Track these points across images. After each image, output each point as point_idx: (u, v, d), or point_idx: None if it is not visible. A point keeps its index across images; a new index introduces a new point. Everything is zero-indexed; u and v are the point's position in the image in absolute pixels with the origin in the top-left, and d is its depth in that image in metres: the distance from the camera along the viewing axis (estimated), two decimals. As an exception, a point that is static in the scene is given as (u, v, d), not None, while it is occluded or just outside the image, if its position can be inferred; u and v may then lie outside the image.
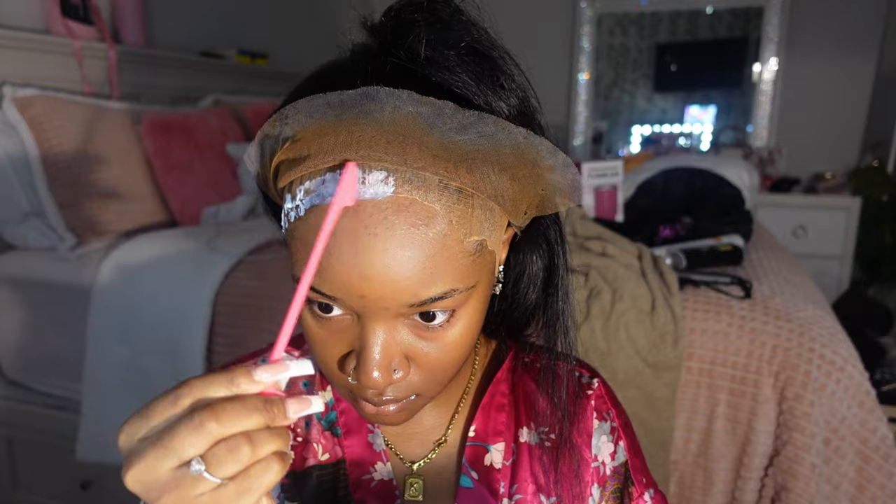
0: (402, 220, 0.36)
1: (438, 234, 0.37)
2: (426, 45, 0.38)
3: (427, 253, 0.37)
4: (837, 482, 1.07)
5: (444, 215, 0.37)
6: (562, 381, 0.53)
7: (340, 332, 0.40)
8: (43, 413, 1.64)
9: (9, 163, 1.64)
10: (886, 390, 1.69)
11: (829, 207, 2.73)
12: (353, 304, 0.38)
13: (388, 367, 0.39)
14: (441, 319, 0.40)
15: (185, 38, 2.49)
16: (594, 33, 3.36)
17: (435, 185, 0.36)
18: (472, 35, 0.40)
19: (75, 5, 1.91)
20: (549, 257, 0.49)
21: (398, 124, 0.36)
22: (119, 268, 1.50)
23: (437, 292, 0.38)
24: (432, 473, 0.52)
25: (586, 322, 1.17)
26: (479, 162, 0.37)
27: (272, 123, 0.39)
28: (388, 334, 0.39)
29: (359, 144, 0.36)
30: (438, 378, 0.43)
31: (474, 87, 0.38)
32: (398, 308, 0.38)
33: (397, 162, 0.36)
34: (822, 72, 3.06)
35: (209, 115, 2.15)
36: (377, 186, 0.36)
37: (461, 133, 0.36)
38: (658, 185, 1.92)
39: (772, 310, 1.14)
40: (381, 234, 0.36)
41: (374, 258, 0.36)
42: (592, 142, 3.48)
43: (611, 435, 0.55)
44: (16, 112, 1.62)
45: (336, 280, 0.37)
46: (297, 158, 0.38)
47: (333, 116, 0.36)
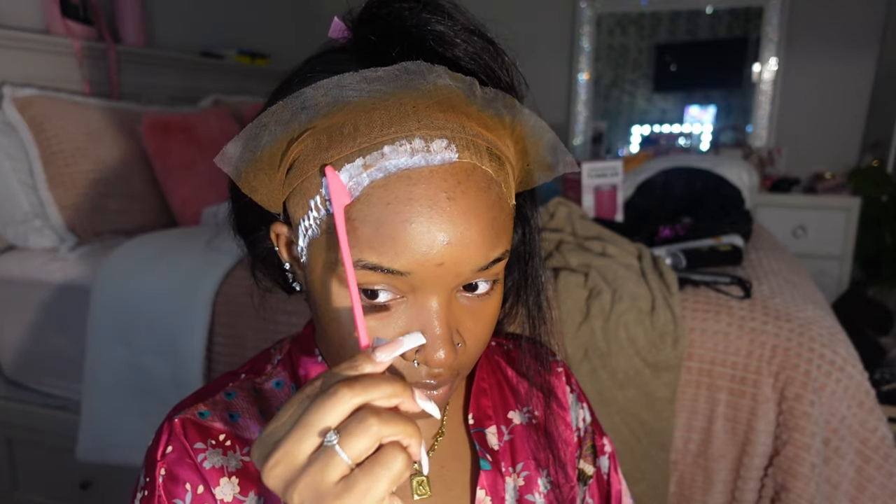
0: (472, 183, 0.37)
1: (496, 197, 0.39)
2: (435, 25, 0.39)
3: (493, 214, 0.38)
4: (837, 482, 1.07)
5: (495, 179, 0.39)
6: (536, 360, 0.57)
7: (391, 317, 0.39)
8: (43, 413, 1.64)
9: (9, 163, 1.64)
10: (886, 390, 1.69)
11: (829, 207, 2.73)
12: (425, 277, 0.37)
13: (451, 341, 0.39)
14: (485, 289, 0.41)
15: (185, 38, 2.49)
16: (594, 33, 3.36)
17: (485, 151, 0.38)
18: (466, 18, 0.41)
19: (75, 5, 1.92)
20: (524, 233, 0.50)
21: (443, 95, 0.37)
22: (119, 268, 1.50)
23: (499, 253, 0.39)
24: (435, 467, 0.52)
25: (586, 322, 1.17)
26: (500, 133, 0.40)
27: (281, 111, 0.37)
28: (446, 308, 0.39)
29: (416, 114, 0.37)
30: (478, 353, 0.43)
31: (483, 64, 0.40)
32: (469, 273, 0.38)
33: (455, 129, 0.37)
34: (822, 72, 3.06)
35: (209, 115, 2.15)
36: (443, 153, 0.37)
37: (487, 106, 0.38)
38: (658, 185, 1.92)
39: (772, 310, 1.14)
40: (458, 197, 0.37)
41: (455, 222, 0.36)
42: (592, 142, 3.48)
43: (579, 402, 0.61)
44: (16, 112, 1.62)
45: (416, 252, 0.36)
46: (337, 137, 0.37)
47: (376, 91, 0.36)
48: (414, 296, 0.39)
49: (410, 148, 0.36)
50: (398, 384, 0.32)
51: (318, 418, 0.30)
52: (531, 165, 0.43)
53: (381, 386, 0.31)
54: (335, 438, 0.30)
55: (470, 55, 0.39)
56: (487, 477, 0.52)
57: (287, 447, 0.30)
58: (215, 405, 0.48)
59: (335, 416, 0.30)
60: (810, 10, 3.05)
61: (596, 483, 0.59)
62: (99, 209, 1.71)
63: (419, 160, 0.36)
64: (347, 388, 0.30)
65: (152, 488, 0.45)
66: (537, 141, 0.41)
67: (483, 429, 0.54)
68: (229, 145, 0.40)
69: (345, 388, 0.30)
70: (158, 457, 0.45)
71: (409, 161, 0.36)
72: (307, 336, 0.54)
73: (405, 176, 0.36)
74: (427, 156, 0.36)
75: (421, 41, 0.39)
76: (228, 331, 1.40)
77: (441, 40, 0.39)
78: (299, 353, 0.53)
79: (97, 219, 1.71)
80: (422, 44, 0.39)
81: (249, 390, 0.51)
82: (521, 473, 0.54)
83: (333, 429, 0.30)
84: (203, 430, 0.46)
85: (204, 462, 0.45)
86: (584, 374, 1.15)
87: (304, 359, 0.53)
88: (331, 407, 0.30)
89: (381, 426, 0.30)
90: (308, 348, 0.53)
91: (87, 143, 1.72)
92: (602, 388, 1.14)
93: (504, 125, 0.39)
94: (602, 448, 0.61)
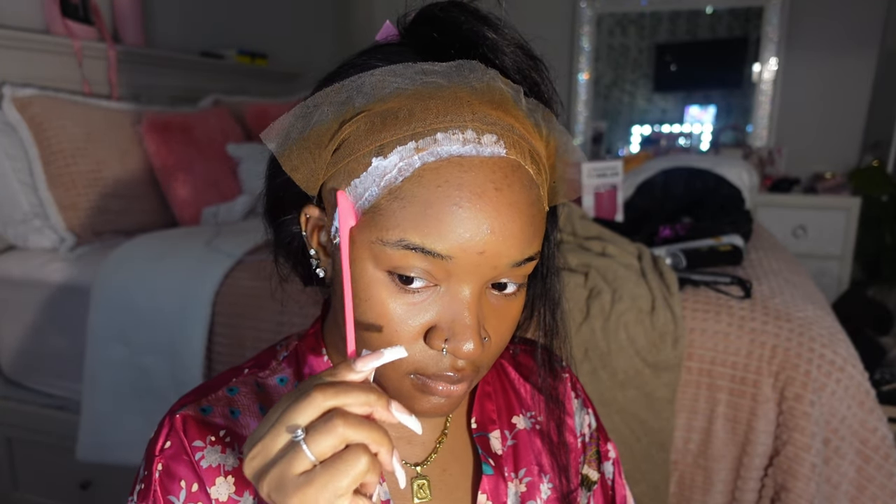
0: (517, 179, 0.39)
1: (536, 197, 0.40)
2: (489, 33, 0.41)
3: (532, 212, 0.40)
4: (837, 482, 1.07)
5: (536, 182, 0.40)
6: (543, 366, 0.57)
7: (423, 304, 0.40)
8: (43, 413, 1.64)
9: (9, 163, 1.64)
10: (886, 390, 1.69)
11: (829, 207, 2.73)
12: (464, 264, 0.38)
13: (479, 333, 0.40)
14: (513, 289, 0.42)
15: (185, 38, 2.49)
16: (594, 33, 3.36)
17: (528, 153, 0.40)
18: (514, 33, 0.43)
19: (75, 5, 1.92)
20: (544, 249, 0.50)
21: (496, 96, 0.39)
22: (119, 268, 1.50)
23: (534, 251, 0.40)
24: (437, 471, 0.52)
25: (586, 322, 1.17)
26: (539, 143, 0.41)
27: (334, 93, 0.39)
28: (477, 301, 0.40)
29: (470, 107, 0.38)
30: (496, 353, 0.44)
31: (528, 76, 0.42)
32: (505, 267, 0.39)
33: (504, 127, 0.39)
34: (822, 72, 3.06)
35: (209, 115, 2.15)
36: (493, 147, 0.38)
37: (529, 115, 0.40)
38: (658, 185, 1.92)
39: (772, 310, 1.14)
40: (505, 189, 0.38)
41: (501, 212, 0.38)
42: (592, 142, 3.48)
43: (584, 408, 0.61)
44: (16, 112, 1.62)
45: (460, 237, 0.37)
46: (392, 121, 0.38)
47: (433, 83, 0.38)
48: (447, 284, 0.40)
49: (462, 137, 0.38)
50: (372, 393, 0.34)
51: (291, 417, 0.33)
52: (557, 183, 0.44)
53: (354, 393, 0.33)
54: (301, 435, 0.32)
55: (517, 66, 0.41)
56: (489, 482, 0.52)
57: (264, 442, 0.33)
58: (217, 401, 0.49)
59: (306, 416, 0.33)
60: (810, 10, 3.04)
61: (601, 489, 0.59)
62: (99, 209, 1.71)
63: (471, 149, 0.38)
64: (320, 392, 0.33)
65: (149, 482, 0.45)
66: (567, 160, 0.43)
67: (487, 433, 0.54)
68: (277, 122, 0.41)
69: (318, 392, 0.33)
70: (157, 451, 0.46)
71: (461, 149, 0.38)
72: (314, 334, 0.53)
73: (457, 162, 0.38)
74: (478, 147, 0.38)
75: (475, 46, 0.41)
76: (228, 331, 1.40)
77: (493, 48, 0.41)
78: (305, 351, 0.53)
79: (97, 219, 1.71)
80: (475, 48, 0.40)
81: (252, 385, 0.51)
82: (524, 479, 0.53)
83: (303, 427, 0.32)
84: (203, 427, 0.46)
85: (201, 461, 0.45)
86: (584, 374, 1.15)
87: (310, 357, 0.53)
88: (303, 408, 0.33)
89: (347, 428, 0.32)
90: (314, 346, 0.53)
91: (87, 143, 1.72)
92: (602, 388, 1.14)
93: (542, 136, 0.41)
94: (606, 454, 0.60)
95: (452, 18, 0.41)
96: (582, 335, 1.16)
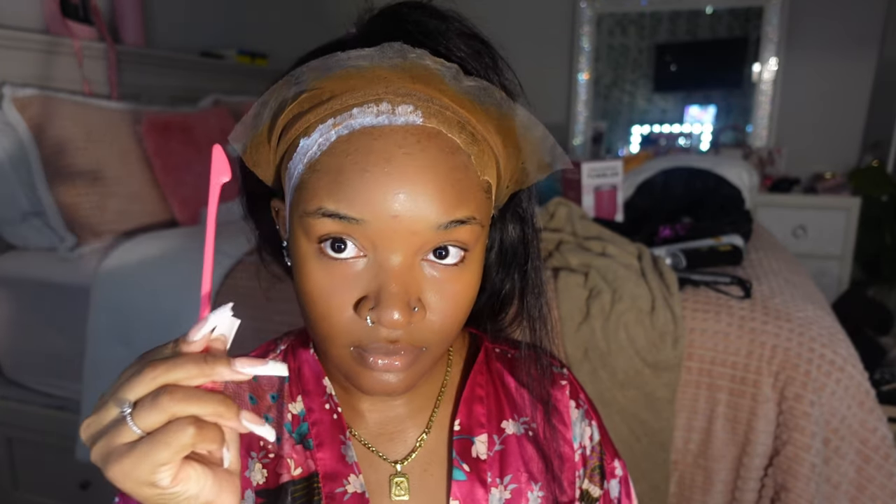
0: (433, 144, 0.39)
1: (461, 164, 0.40)
2: (432, 22, 0.42)
3: (455, 176, 0.40)
4: (837, 482, 1.07)
5: (464, 150, 0.41)
6: (538, 371, 0.55)
7: (352, 275, 0.41)
8: (43, 413, 1.64)
9: (9, 163, 1.64)
10: (886, 390, 1.69)
11: (829, 207, 2.73)
12: (381, 228, 0.39)
13: (407, 303, 0.40)
14: (454, 257, 0.41)
15: (185, 38, 2.49)
16: (594, 33, 3.36)
17: (455, 123, 0.40)
18: (462, 23, 0.44)
19: (75, 5, 1.92)
20: (523, 231, 0.50)
21: (419, 72, 0.39)
22: (119, 268, 1.50)
23: (463, 215, 0.40)
24: (417, 470, 0.52)
25: (586, 322, 1.17)
26: (482, 119, 0.41)
27: (280, 88, 0.40)
28: (408, 271, 0.40)
29: (387, 81, 0.39)
30: (447, 329, 0.43)
31: (474, 60, 0.42)
32: (426, 231, 0.39)
33: (423, 99, 0.39)
34: (822, 72, 3.06)
35: (209, 115, 2.15)
36: (408, 116, 0.39)
37: (468, 91, 0.40)
38: (658, 185, 1.92)
39: (772, 310, 1.14)
40: (416, 154, 0.39)
41: (410, 175, 0.38)
42: (592, 142, 3.48)
43: (585, 419, 0.58)
44: (16, 112, 1.62)
45: (370, 201, 0.38)
46: (317, 103, 0.40)
47: (355, 65, 0.38)
48: (375, 254, 0.40)
49: (377, 110, 0.39)
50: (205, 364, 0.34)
51: (123, 392, 0.33)
52: (525, 163, 0.44)
53: (185, 367, 0.33)
54: (128, 410, 0.33)
55: (460, 49, 0.42)
56: (461, 487, 0.51)
57: (98, 413, 0.34)
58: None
59: (135, 392, 0.33)
60: (810, 10, 3.04)
61: None
62: (99, 209, 1.71)
63: (383, 120, 0.39)
64: (150, 368, 0.33)
65: None
66: (531, 138, 0.42)
67: (472, 436, 0.53)
68: (238, 124, 0.42)
69: (148, 368, 0.33)
70: None
71: (373, 120, 0.39)
72: (304, 328, 0.54)
73: (367, 132, 0.39)
74: (391, 117, 0.39)
75: (413, 35, 0.41)
76: (228, 331, 1.40)
77: (434, 36, 0.42)
78: (297, 345, 0.54)
79: (97, 219, 1.71)
80: (414, 38, 0.41)
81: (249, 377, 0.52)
82: (509, 486, 0.52)
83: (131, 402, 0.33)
84: None
85: None
86: (584, 374, 1.15)
87: (300, 350, 0.54)
88: (134, 383, 0.33)
89: (173, 403, 0.32)
90: (304, 340, 0.54)
91: (87, 143, 1.72)
92: (602, 388, 1.14)
93: (489, 115, 0.41)
94: (613, 471, 0.58)
95: (401, 13, 0.43)
96: (582, 335, 1.16)
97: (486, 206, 0.43)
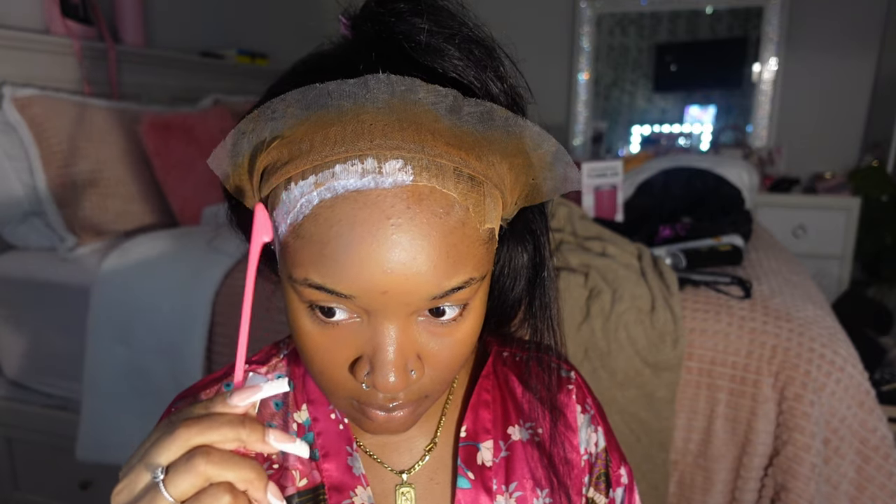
0: (424, 208, 0.35)
1: (458, 222, 0.36)
2: (425, 32, 0.37)
3: (449, 242, 0.36)
4: (837, 482, 1.07)
5: (461, 203, 0.36)
6: (545, 375, 0.54)
7: (346, 336, 0.39)
8: (43, 413, 1.64)
9: (9, 163, 1.64)
10: (886, 390, 1.69)
11: (829, 207, 2.73)
12: (370, 302, 0.36)
13: (404, 368, 0.38)
14: (452, 314, 0.39)
15: (185, 38, 2.49)
16: (594, 33, 3.36)
17: (451, 172, 0.36)
18: (466, 23, 0.39)
19: (75, 5, 1.92)
20: (534, 249, 0.48)
21: (409, 111, 0.35)
22: (119, 268, 1.50)
23: (459, 282, 0.37)
24: (424, 479, 0.51)
25: (586, 322, 1.17)
26: (485, 149, 0.37)
27: (253, 120, 0.36)
28: (403, 333, 0.38)
29: (372, 133, 0.34)
30: (447, 377, 0.42)
31: (474, 74, 0.38)
32: (419, 302, 0.36)
33: (414, 150, 0.35)
34: (822, 72, 3.06)
35: (209, 115, 2.15)
36: (396, 175, 0.35)
37: (467, 121, 0.36)
38: (658, 185, 1.91)
39: (772, 310, 1.14)
40: (405, 224, 0.35)
41: (399, 250, 0.35)
42: (592, 142, 3.48)
43: (592, 424, 0.57)
44: (16, 112, 1.62)
45: (357, 277, 0.35)
46: (296, 152, 0.36)
47: (335, 106, 0.34)
48: (369, 318, 0.38)
49: (362, 168, 0.35)
50: (243, 427, 0.32)
51: (155, 454, 0.32)
52: (537, 179, 0.40)
53: (221, 429, 0.32)
54: (161, 476, 0.31)
55: (457, 65, 0.37)
56: (465, 496, 0.50)
57: (130, 476, 0.33)
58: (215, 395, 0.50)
59: (168, 454, 0.31)
60: (810, 10, 3.04)
61: None
62: (99, 209, 1.71)
63: (369, 182, 0.35)
64: (185, 429, 0.32)
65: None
66: (542, 153, 0.38)
67: (477, 443, 0.52)
68: (218, 149, 0.39)
69: (182, 429, 0.32)
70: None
71: (358, 182, 0.35)
72: None
73: (352, 198, 0.35)
74: (378, 178, 0.34)
75: (402, 48, 0.37)
76: (228, 331, 1.40)
77: (426, 50, 0.37)
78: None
79: (97, 219, 1.71)
80: (403, 51, 0.37)
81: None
82: (514, 493, 0.51)
83: (163, 467, 0.31)
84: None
85: None
86: (584, 374, 1.15)
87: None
88: (167, 445, 0.32)
89: (209, 467, 0.31)
90: None
91: (87, 143, 1.72)
92: (602, 388, 1.14)
93: (492, 142, 0.37)
94: (619, 479, 0.57)
95: (387, 17, 0.38)
96: (582, 335, 1.16)
97: (488, 256, 0.39)
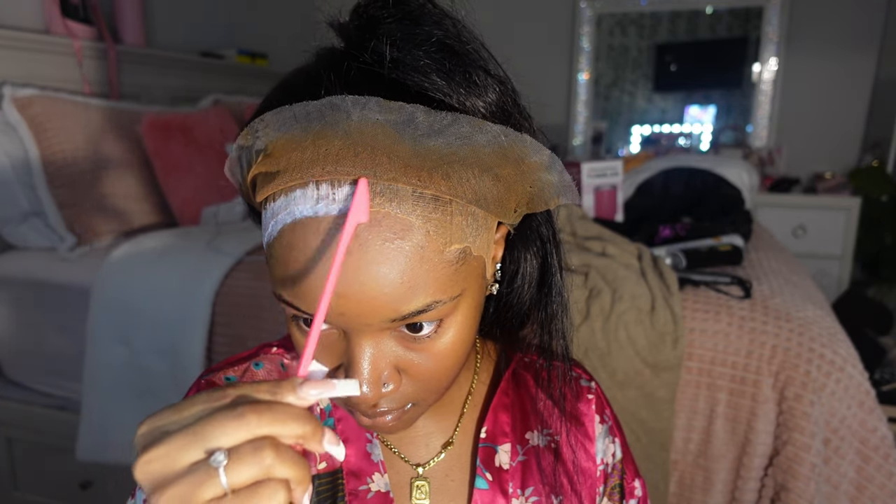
0: (376, 235, 0.34)
1: (415, 247, 0.35)
2: (392, 45, 0.36)
3: (404, 267, 0.35)
4: (837, 482, 1.07)
5: (421, 226, 0.35)
6: (560, 383, 0.54)
7: (328, 346, 0.40)
8: (43, 413, 1.64)
9: (9, 163, 1.64)
10: (886, 390, 1.69)
11: (829, 207, 2.73)
12: (333, 322, 0.37)
13: (377, 380, 0.38)
14: (428, 330, 0.39)
15: (185, 38, 2.49)
16: (594, 33, 3.36)
17: (408, 195, 0.35)
18: (443, 29, 0.38)
19: (75, 5, 1.92)
20: (543, 255, 0.48)
21: (366, 134, 0.34)
22: (119, 268, 1.50)
23: (419, 306, 0.36)
24: (439, 475, 0.52)
25: (586, 322, 1.17)
26: (456, 166, 0.35)
27: (245, 136, 0.37)
28: (375, 348, 0.38)
29: (325, 159, 0.34)
30: (434, 387, 0.42)
31: (446, 86, 0.36)
32: (380, 323, 0.37)
33: (366, 175, 0.34)
34: (822, 72, 3.06)
35: (209, 115, 2.15)
36: (348, 201, 0.34)
37: (435, 137, 0.35)
38: (658, 185, 1.92)
39: (772, 310, 1.14)
40: (356, 251, 0.34)
41: (350, 277, 0.35)
42: (592, 142, 3.48)
43: (610, 435, 0.57)
44: (16, 112, 1.62)
45: (315, 298, 0.36)
46: (271, 173, 0.36)
47: (300, 129, 0.35)
48: (345, 332, 0.38)
49: (317, 195, 0.35)
50: (311, 426, 0.30)
51: (214, 434, 0.28)
52: (535, 187, 0.39)
53: (292, 424, 0.29)
54: (224, 460, 0.28)
55: (424, 78, 0.36)
56: (483, 496, 0.50)
57: (170, 448, 0.28)
58: (243, 373, 0.51)
59: (232, 438, 0.28)
60: (810, 10, 3.05)
61: None
62: (99, 209, 1.71)
63: (321, 209, 0.35)
64: (256, 416, 0.28)
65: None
66: (534, 163, 0.38)
67: (496, 445, 0.52)
68: (230, 156, 0.40)
69: (253, 415, 0.28)
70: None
71: (311, 209, 0.35)
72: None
73: (306, 224, 0.35)
74: (329, 205, 0.35)
75: (368, 64, 0.37)
76: (228, 331, 1.40)
77: (394, 64, 0.36)
78: None
79: (97, 219, 1.71)
80: (367, 67, 0.37)
81: (277, 364, 0.52)
82: (530, 498, 0.52)
83: (226, 451, 0.28)
84: None
85: None
86: (584, 374, 1.14)
87: None
88: (232, 428, 0.28)
89: (276, 462, 0.28)
90: None
91: (87, 143, 1.72)
92: (602, 389, 1.14)
93: (462, 156, 0.36)
94: (632, 491, 0.57)
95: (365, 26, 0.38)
96: (582, 335, 1.16)
97: (459, 275, 0.38)
